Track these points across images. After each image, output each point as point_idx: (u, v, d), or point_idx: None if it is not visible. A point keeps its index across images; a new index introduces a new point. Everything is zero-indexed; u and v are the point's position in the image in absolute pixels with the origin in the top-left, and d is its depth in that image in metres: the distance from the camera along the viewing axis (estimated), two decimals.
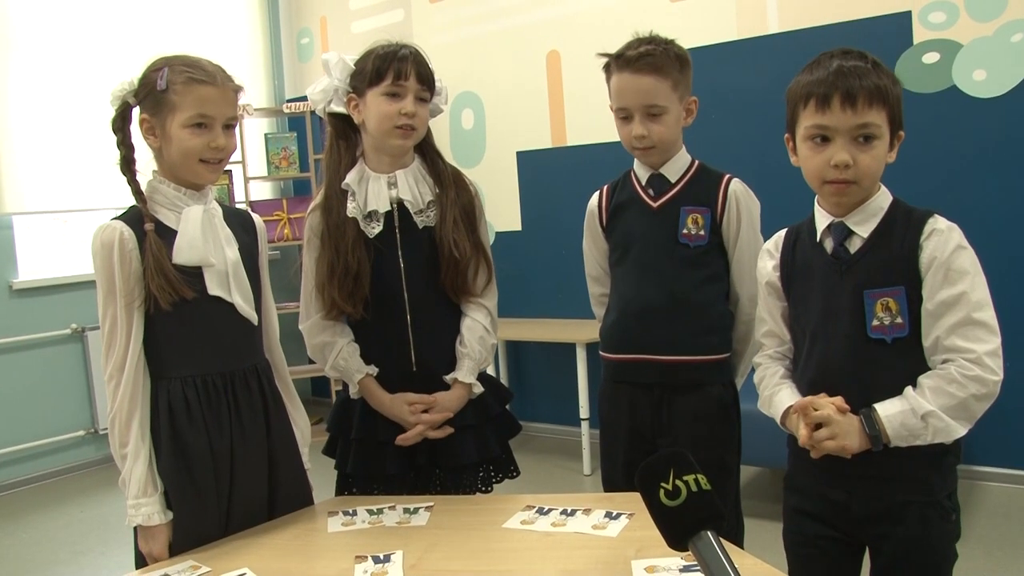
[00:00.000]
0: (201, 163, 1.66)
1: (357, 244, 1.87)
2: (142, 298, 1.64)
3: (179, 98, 1.63)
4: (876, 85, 1.46)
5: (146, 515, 1.62)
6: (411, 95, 1.85)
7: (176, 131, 1.64)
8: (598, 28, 4.46)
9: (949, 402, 1.44)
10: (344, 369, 1.93)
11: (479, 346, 1.94)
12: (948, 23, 3.58)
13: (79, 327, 4.78)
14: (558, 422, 4.85)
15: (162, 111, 1.65)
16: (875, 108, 1.47)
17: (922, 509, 1.52)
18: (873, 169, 1.50)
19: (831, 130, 1.48)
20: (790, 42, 3.93)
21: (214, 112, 1.65)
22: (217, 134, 1.66)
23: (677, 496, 1.01)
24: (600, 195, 2.16)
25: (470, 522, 1.69)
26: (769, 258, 1.70)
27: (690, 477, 1.02)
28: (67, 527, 3.97)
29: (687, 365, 2.01)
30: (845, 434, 1.47)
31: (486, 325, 1.97)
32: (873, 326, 1.51)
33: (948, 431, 1.45)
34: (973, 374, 1.44)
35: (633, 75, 1.94)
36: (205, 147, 1.65)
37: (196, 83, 1.63)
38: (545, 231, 4.83)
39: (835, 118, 1.47)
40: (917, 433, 1.45)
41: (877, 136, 1.48)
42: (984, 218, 3.53)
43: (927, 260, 1.48)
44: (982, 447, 3.63)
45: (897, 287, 1.49)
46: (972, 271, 1.47)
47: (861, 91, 1.46)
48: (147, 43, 4.82)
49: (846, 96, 1.46)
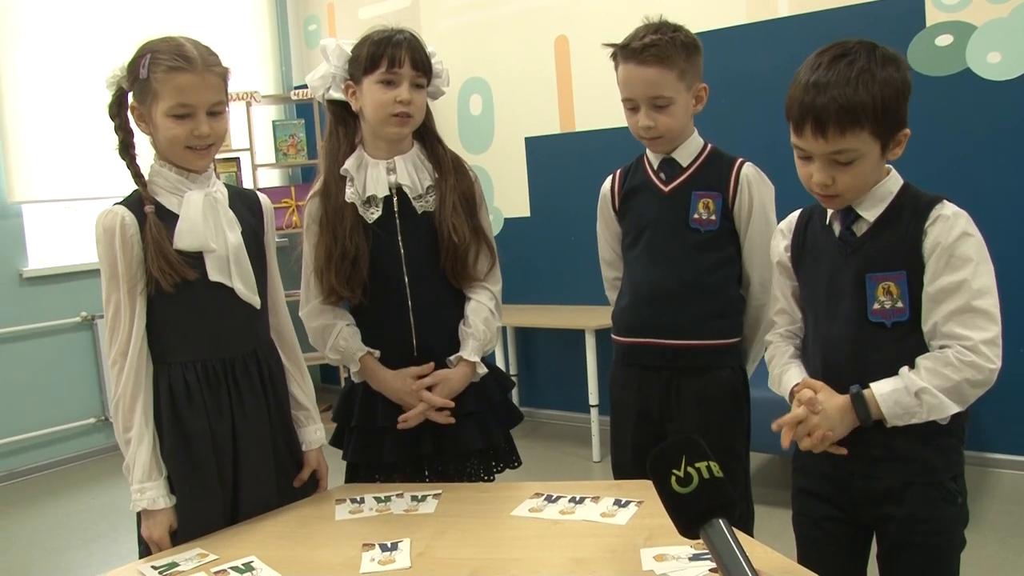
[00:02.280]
0: (187, 150, 1.65)
1: (355, 229, 1.86)
2: (144, 283, 1.63)
3: (160, 87, 1.61)
4: (850, 106, 1.41)
5: (151, 499, 1.62)
6: (406, 82, 1.83)
7: (160, 119, 1.62)
8: (607, 13, 4.42)
9: (943, 383, 1.45)
10: (344, 350, 1.92)
11: (484, 326, 1.93)
12: (962, 4, 3.53)
13: (89, 315, 4.79)
14: (567, 409, 4.85)
15: (147, 99, 1.63)
16: (849, 134, 1.43)
17: (924, 490, 1.52)
18: (857, 185, 1.49)
19: (808, 152, 1.49)
20: (800, 26, 3.89)
21: (194, 100, 1.62)
22: (200, 122, 1.63)
23: (689, 483, 1.00)
24: (613, 179, 2.16)
25: (478, 510, 1.69)
26: (782, 237, 1.71)
27: (702, 464, 1.01)
28: (77, 514, 3.99)
29: (696, 349, 2.00)
30: (821, 425, 1.50)
31: (491, 307, 1.96)
32: (874, 309, 1.51)
33: (942, 407, 1.45)
34: (969, 360, 1.44)
35: (638, 66, 1.92)
36: (189, 135, 1.63)
37: (175, 71, 1.60)
38: (554, 217, 4.81)
39: (808, 144, 1.47)
40: (912, 411, 1.46)
41: (855, 158, 1.45)
42: (998, 202, 3.50)
43: (930, 245, 1.47)
44: (994, 434, 3.61)
45: (899, 271, 1.49)
46: (976, 258, 1.45)
47: (830, 118, 1.41)
48: (153, 30, 4.79)
49: (816, 125, 1.43)
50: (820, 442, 1.51)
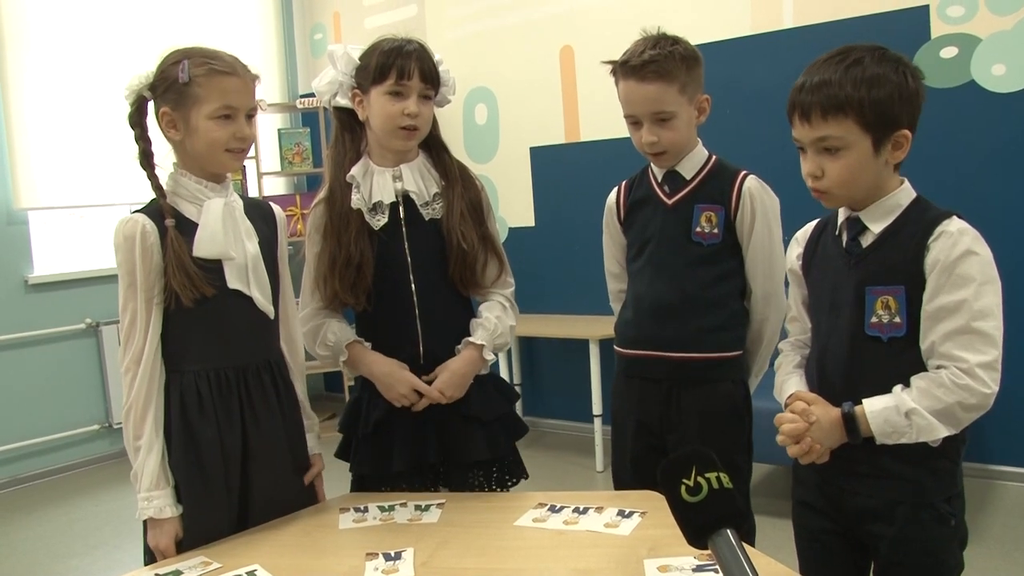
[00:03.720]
0: (227, 152, 1.68)
1: (360, 235, 1.86)
2: (162, 293, 1.65)
3: (203, 90, 1.64)
4: (833, 93, 1.45)
5: (158, 508, 1.63)
6: (414, 95, 1.83)
7: (202, 123, 1.65)
8: (612, 23, 4.44)
9: (935, 405, 1.42)
10: (334, 343, 1.90)
11: (495, 320, 1.92)
12: (966, 17, 3.54)
13: (94, 322, 4.81)
14: (571, 418, 4.84)
15: (185, 104, 1.65)
16: (833, 121, 1.45)
17: (913, 510, 1.50)
18: (845, 178, 1.48)
19: (801, 143, 1.52)
20: (805, 37, 3.90)
21: (238, 103, 1.67)
22: (242, 124, 1.68)
23: (698, 492, 1.00)
24: (618, 191, 2.16)
25: (481, 519, 1.69)
26: (796, 246, 1.71)
27: (712, 475, 1.01)
28: (81, 520, 3.99)
29: (696, 361, 2.00)
30: (811, 435, 1.50)
31: (505, 305, 1.96)
32: (871, 323, 1.50)
33: (931, 429, 1.43)
34: (963, 383, 1.40)
35: (639, 83, 1.92)
36: (231, 137, 1.67)
37: (219, 74, 1.64)
38: (558, 227, 4.82)
39: (799, 132, 1.51)
40: (901, 431, 1.44)
41: (841, 147, 1.46)
42: (1003, 214, 3.49)
43: (931, 262, 1.44)
44: (998, 446, 3.60)
45: (898, 286, 1.47)
46: (979, 278, 1.41)
47: (815, 106, 1.46)
48: (161, 39, 4.81)
49: (802, 112, 1.49)
50: (808, 452, 1.50)
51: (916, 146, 1.50)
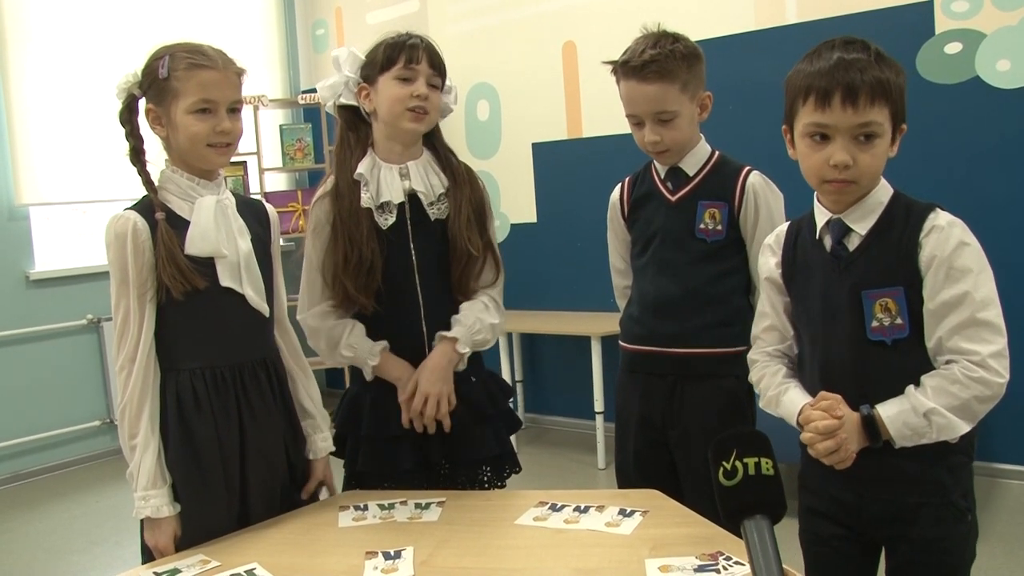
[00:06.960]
0: (209, 147, 1.66)
1: (371, 235, 1.85)
2: (155, 289, 1.63)
3: (181, 84, 1.63)
4: (878, 79, 1.40)
5: (155, 507, 1.62)
6: (423, 78, 1.83)
7: (181, 117, 1.64)
8: (615, 18, 4.42)
9: (952, 402, 1.40)
10: (359, 347, 1.88)
11: (473, 317, 1.89)
12: (971, 12, 3.52)
13: (95, 318, 4.80)
14: (573, 415, 4.83)
15: (166, 99, 1.64)
16: (877, 105, 1.40)
17: (936, 511, 1.48)
18: (874, 168, 1.44)
19: (831, 128, 1.42)
20: (808, 33, 3.88)
21: (217, 96, 1.65)
22: (222, 118, 1.66)
23: (734, 476, 0.99)
24: (621, 187, 2.15)
25: (482, 518, 1.68)
26: (771, 254, 1.65)
27: (751, 460, 0.99)
28: (82, 516, 3.99)
29: (700, 357, 1.99)
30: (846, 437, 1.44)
31: (487, 304, 1.93)
32: (872, 327, 1.46)
33: (952, 427, 1.41)
34: (977, 375, 1.39)
35: (640, 83, 1.91)
36: (211, 131, 1.64)
37: (197, 68, 1.63)
38: (561, 223, 4.81)
39: (835, 116, 1.41)
40: (921, 432, 1.41)
41: (878, 135, 1.42)
42: (1006, 210, 3.46)
43: (927, 259, 1.42)
44: (1002, 444, 3.59)
45: (896, 287, 1.44)
46: (976, 268, 1.40)
47: (863, 87, 1.39)
48: (162, 35, 4.81)
49: (847, 93, 1.39)
50: (836, 451, 1.42)
51: (920, 142, 1.49)
